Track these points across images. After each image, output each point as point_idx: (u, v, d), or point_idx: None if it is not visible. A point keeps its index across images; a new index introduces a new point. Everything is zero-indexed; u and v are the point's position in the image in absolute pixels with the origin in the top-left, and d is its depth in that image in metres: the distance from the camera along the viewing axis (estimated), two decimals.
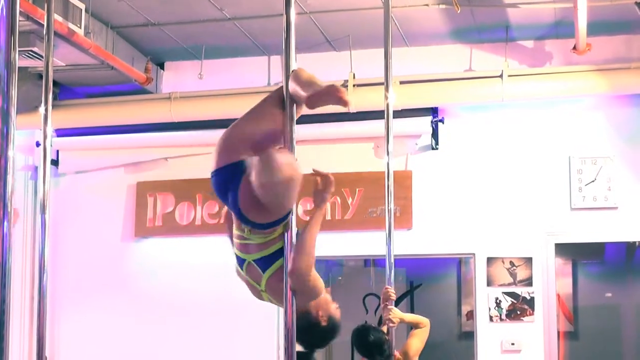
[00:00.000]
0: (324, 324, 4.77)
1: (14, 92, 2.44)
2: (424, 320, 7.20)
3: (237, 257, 4.68)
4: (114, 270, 9.89)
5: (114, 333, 9.90)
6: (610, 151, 9.07)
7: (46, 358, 6.25)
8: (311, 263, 4.43)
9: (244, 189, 4.32)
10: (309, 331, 4.80)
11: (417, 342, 7.08)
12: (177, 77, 9.68)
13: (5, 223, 2.44)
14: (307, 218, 4.65)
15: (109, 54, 8.56)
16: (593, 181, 9.05)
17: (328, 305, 4.80)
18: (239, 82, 9.32)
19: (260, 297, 4.79)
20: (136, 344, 9.82)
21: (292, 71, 4.56)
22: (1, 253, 2.44)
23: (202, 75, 9.35)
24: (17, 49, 2.46)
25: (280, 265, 4.50)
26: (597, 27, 8.36)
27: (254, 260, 4.57)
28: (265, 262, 4.57)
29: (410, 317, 7.24)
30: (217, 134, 9.60)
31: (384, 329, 7.05)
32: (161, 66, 9.70)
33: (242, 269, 4.67)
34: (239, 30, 8.83)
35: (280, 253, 4.49)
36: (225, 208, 4.84)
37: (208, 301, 9.61)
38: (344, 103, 4.29)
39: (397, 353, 6.95)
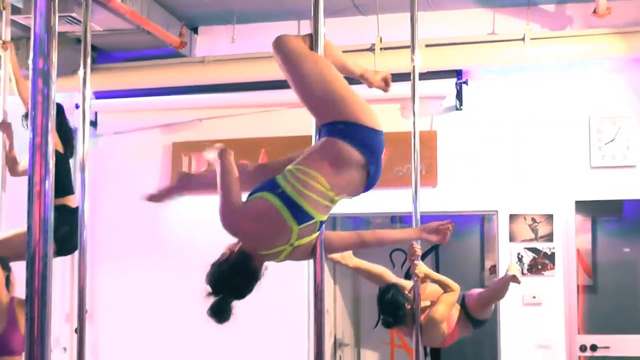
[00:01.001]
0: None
1: (54, 56, 2.45)
2: (453, 285, 7.17)
3: (305, 214, 4.49)
4: (150, 226, 9.94)
5: (149, 286, 9.97)
6: (629, 112, 9.05)
7: (86, 310, 6.31)
8: None
9: None
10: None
11: (443, 307, 7.07)
12: (210, 41, 9.68)
13: (47, 181, 2.45)
14: None
15: (144, 19, 8.56)
16: (612, 140, 9.02)
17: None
18: (269, 45, 9.30)
19: (277, 256, 4.75)
20: (169, 298, 9.88)
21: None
22: (44, 210, 2.46)
23: (234, 40, 9.36)
24: (57, 14, 2.46)
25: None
26: None
27: (320, 221, 4.52)
28: (321, 226, 4.57)
29: (437, 275, 7.21)
30: (249, 96, 9.70)
31: (409, 285, 7.07)
32: (195, 31, 9.71)
33: (299, 225, 4.51)
34: None
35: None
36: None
37: None
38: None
39: (422, 317, 6.97)
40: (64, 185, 7.24)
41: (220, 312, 4.99)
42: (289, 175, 4.47)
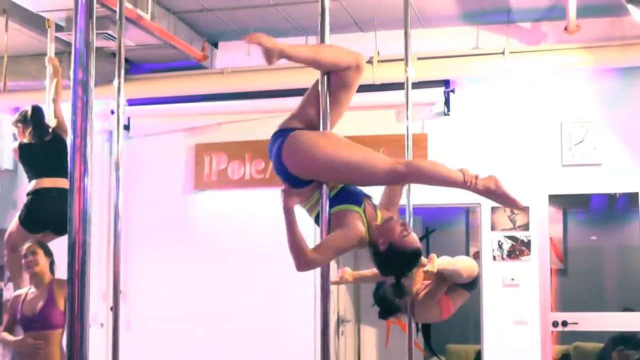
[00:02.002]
0: (382, 248, 4.43)
1: (92, 68, 2.44)
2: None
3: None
4: (176, 218, 9.99)
5: (176, 271, 9.98)
6: (596, 117, 9.04)
7: (120, 290, 6.30)
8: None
9: None
10: (378, 260, 4.57)
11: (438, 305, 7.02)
12: (228, 54, 9.67)
13: (86, 178, 2.44)
14: None
15: (171, 36, 8.56)
16: (581, 142, 9.02)
17: (389, 232, 4.44)
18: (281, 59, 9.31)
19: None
20: (193, 281, 9.91)
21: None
22: (83, 203, 2.45)
23: (249, 53, 9.33)
24: (95, 31, 2.46)
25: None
26: (585, 11, 8.29)
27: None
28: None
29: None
30: (262, 103, 9.71)
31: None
32: (215, 45, 9.70)
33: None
34: (281, 14, 8.81)
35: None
36: None
37: (254, 243, 9.67)
38: None
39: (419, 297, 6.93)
40: (52, 168, 7.24)
41: (400, 292, 4.81)
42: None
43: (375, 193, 4.72)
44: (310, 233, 4.60)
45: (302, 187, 4.36)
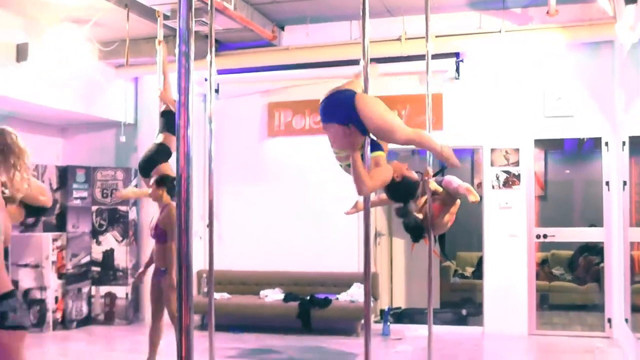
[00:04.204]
0: (398, 180, 4.73)
1: (192, 46, 2.46)
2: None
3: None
4: (253, 158, 10.05)
5: (253, 197, 10.10)
6: (570, 79, 8.99)
7: (214, 213, 6.33)
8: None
9: None
10: (392, 189, 4.82)
11: (446, 216, 6.98)
12: (292, 35, 9.60)
13: (188, 129, 2.46)
14: None
15: (249, 21, 8.52)
16: (559, 99, 9.00)
17: (400, 169, 4.76)
18: (331, 38, 9.30)
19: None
20: (265, 204, 10.01)
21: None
22: (187, 147, 2.46)
23: (307, 34, 9.32)
24: (193, 19, 2.48)
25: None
26: None
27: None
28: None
29: (441, 190, 7.12)
30: (318, 71, 9.66)
31: (422, 200, 6.96)
32: (282, 28, 9.62)
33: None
34: (329, 3, 8.72)
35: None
36: None
37: (312, 175, 9.73)
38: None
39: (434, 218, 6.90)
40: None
41: (403, 213, 5.46)
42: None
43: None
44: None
45: (364, 133, 4.32)
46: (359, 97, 4.34)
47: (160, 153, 7.14)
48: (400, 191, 4.90)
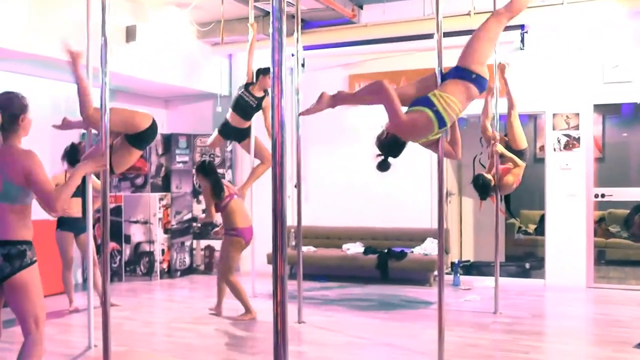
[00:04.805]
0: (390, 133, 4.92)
1: (284, 23, 2.62)
2: (519, 162, 7.10)
3: (445, 124, 4.58)
4: (337, 125, 10.10)
5: (336, 160, 10.23)
6: (630, 48, 8.79)
7: (301, 174, 6.51)
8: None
9: None
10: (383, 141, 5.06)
11: (511, 177, 7.02)
12: (370, 13, 9.60)
13: (282, 100, 2.60)
14: None
15: (331, 1, 8.60)
16: (617, 66, 8.81)
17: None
18: (405, 14, 9.27)
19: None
20: (347, 165, 10.13)
21: None
22: (281, 115, 2.62)
23: (384, 12, 9.31)
24: (286, 1, 2.62)
25: None
26: None
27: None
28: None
29: (508, 154, 7.15)
30: (394, 45, 9.68)
31: (490, 162, 7.02)
32: (361, 7, 9.63)
33: (439, 129, 4.62)
34: None
35: None
36: None
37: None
38: None
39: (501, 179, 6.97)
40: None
41: (382, 166, 5.28)
42: (440, 97, 4.49)
43: None
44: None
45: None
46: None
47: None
48: (385, 145, 5.02)
